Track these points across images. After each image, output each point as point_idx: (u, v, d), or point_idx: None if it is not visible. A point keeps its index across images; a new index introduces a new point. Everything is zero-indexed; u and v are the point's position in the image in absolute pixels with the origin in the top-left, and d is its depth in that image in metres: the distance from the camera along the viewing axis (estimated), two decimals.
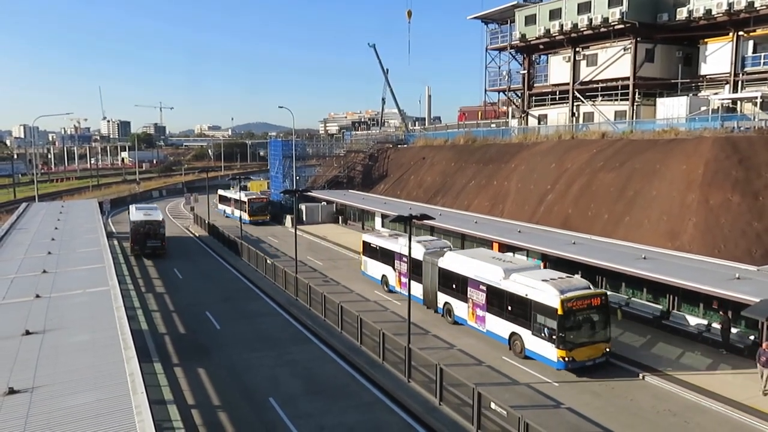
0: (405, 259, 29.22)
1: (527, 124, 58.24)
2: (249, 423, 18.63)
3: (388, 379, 21.52)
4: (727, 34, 43.94)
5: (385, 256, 33.72)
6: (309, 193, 54.41)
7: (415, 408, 19.36)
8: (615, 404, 19.63)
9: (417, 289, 29.68)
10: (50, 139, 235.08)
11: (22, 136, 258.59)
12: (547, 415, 18.87)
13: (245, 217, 59.19)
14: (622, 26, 46.79)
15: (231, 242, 47.40)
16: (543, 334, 22.24)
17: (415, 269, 29.19)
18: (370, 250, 35.54)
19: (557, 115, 55.21)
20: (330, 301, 28.10)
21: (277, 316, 30.30)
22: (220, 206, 71.38)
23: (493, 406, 16.97)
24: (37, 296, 20.46)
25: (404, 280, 30.34)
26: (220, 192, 73.44)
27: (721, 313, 23.82)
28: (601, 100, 50.97)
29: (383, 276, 34.11)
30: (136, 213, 47.98)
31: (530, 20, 55.15)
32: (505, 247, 33.29)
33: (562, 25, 51.20)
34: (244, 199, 61.09)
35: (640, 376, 21.86)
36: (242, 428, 18.31)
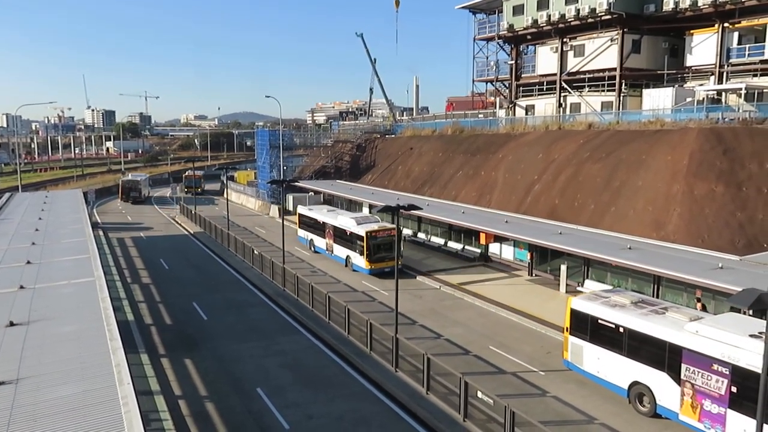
0: None
1: (515, 114, 58.31)
2: (237, 413, 18.64)
3: (375, 369, 21.60)
4: (713, 26, 44.18)
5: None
6: (296, 184, 54.34)
7: (403, 397, 19.47)
8: (600, 393, 19.84)
9: None
10: (33, 128, 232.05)
11: (5, 125, 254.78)
12: (533, 403, 19.06)
13: (361, 263, 35.45)
14: (609, 17, 46.87)
15: None
16: None
17: None
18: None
19: (544, 106, 55.33)
20: (318, 292, 28.10)
21: (264, 306, 30.25)
22: (302, 233, 44.29)
23: (479, 394, 17.12)
24: (22, 287, 20.26)
25: None
26: (302, 210, 44.69)
27: (698, 305, 24.02)
28: (588, 91, 51.14)
29: None
30: (125, 176, 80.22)
31: (518, 10, 55.09)
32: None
33: (549, 16, 51.19)
34: (359, 231, 35.63)
35: None
36: (230, 418, 18.32)
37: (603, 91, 49.99)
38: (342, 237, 38.08)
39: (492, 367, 22.15)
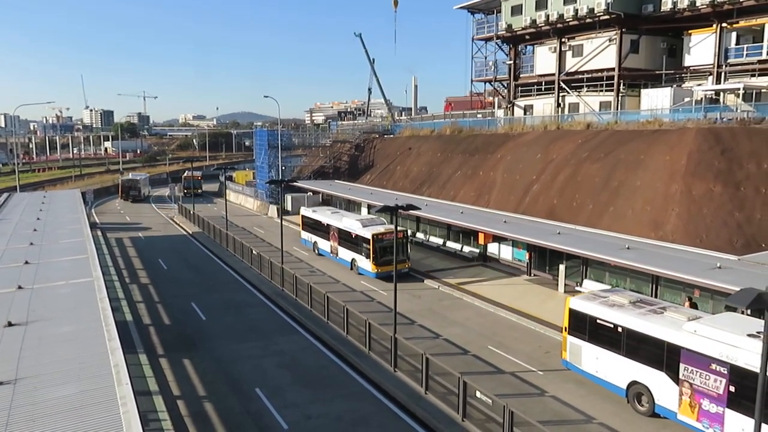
0: None
1: (513, 114, 58.34)
2: (235, 413, 18.62)
3: (374, 369, 21.59)
4: (711, 26, 44.25)
5: None
6: (295, 184, 54.25)
7: (402, 397, 19.46)
8: (598, 392, 19.85)
9: None
10: (31, 128, 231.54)
11: (3, 125, 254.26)
12: (532, 403, 19.07)
13: (367, 266, 35.23)
14: (607, 17, 46.93)
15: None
16: None
17: None
18: None
19: (543, 106, 55.37)
20: (316, 292, 28.08)
21: (262, 306, 30.23)
22: (305, 235, 43.67)
23: (478, 394, 17.12)
24: (20, 287, 20.24)
25: None
26: (305, 212, 44.18)
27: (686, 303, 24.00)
28: (587, 91, 51.19)
29: None
30: (124, 176, 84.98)
31: (516, 10, 55.14)
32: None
33: (548, 16, 51.24)
34: (364, 233, 35.38)
35: None
36: (229, 419, 18.31)
37: (601, 91, 50.03)
38: (347, 239, 37.27)
39: (491, 366, 22.16)
